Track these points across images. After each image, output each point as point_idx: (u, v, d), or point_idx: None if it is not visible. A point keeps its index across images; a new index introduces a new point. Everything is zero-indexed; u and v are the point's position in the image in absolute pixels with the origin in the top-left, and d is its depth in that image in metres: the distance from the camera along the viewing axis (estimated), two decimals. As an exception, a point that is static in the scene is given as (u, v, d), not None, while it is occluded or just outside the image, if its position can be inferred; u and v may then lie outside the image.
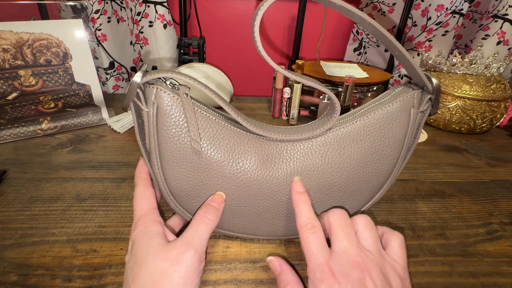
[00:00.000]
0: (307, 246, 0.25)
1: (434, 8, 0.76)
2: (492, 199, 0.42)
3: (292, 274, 0.27)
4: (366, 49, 0.91)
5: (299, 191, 0.27)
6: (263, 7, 0.20)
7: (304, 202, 0.27)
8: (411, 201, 0.41)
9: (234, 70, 0.94)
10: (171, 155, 0.26)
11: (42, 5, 0.56)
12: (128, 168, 0.44)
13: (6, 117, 0.49)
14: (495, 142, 0.61)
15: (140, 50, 0.78)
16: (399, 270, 0.25)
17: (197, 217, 0.27)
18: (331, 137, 0.28)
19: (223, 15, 0.88)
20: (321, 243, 0.25)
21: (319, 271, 0.23)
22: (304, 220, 0.26)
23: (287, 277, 0.27)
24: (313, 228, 0.25)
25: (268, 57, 0.22)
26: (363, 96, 0.65)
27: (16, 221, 0.34)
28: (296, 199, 0.27)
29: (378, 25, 0.23)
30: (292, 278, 0.27)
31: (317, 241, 0.25)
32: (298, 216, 0.26)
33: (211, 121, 0.26)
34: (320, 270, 0.23)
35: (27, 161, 0.45)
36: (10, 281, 0.27)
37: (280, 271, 0.28)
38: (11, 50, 0.47)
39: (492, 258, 0.33)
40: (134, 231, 0.26)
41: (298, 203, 0.27)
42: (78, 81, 0.53)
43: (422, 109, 0.28)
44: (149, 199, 0.28)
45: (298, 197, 0.27)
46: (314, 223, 0.26)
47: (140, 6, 0.70)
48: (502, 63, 0.58)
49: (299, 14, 0.81)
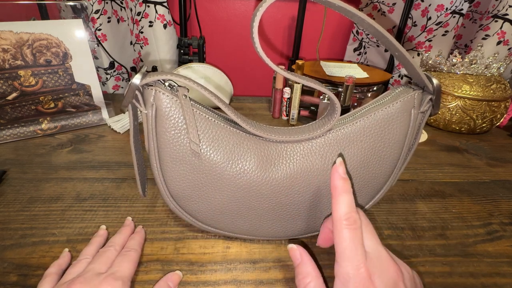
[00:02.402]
0: (343, 244, 0.22)
1: (434, 8, 0.75)
2: (492, 199, 0.42)
3: (313, 267, 0.25)
4: (366, 49, 0.91)
5: (342, 176, 0.24)
6: (261, 8, 0.20)
7: (347, 191, 0.23)
8: (411, 201, 0.41)
9: (234, 70, 0.93)
10: (170, 157, 0.26)
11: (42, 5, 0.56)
12: (128, 168, 0.44)
13: (6, 117, 0.49)
14: (495, 142, 0.61)
15: (140, 50, 0.78)
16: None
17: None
18: (331, 138, 0.28)
19: (223, 15, 0.88)
20: (360, 241, 0.22)
21: (354, 273, 0.21)
22: (344, 212, 0.22)
23: (307, 269, 0.24)
24: (354, 224, 0.22)
25: (266, 57, 0.22)
26: (363, 96, 0.64)
27: (16, 221, 0.34)
28: (337, 186, 0.23)
29: (378, 26, 0.22)
30: (313, 271, 0.24)
31: (355, 239, 0.22)
32: (338, 207, 0.23)
33: (210, 122, 0.26)
34: (356, 273, 0.21)
35: (27, 161, 0.45)
36: (10, 281, 0.27)
37: (300, 262, 0.25)
38: (11, 50, 0.47)
39: (492, 258, 0.33)
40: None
41: (340, 192, 0.23)
42: (78, 81, 0.53)
43: (423, 109, 0.28)
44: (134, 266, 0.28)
45: (340, 184, 0.23)
46: (355, 218, 0.22)
47: (140, 6, 0.70)
48: (502, 63, 0.58)
49: (299, 14, 0.81)
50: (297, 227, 0.31)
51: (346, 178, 0.24)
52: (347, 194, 0.23)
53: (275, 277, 0.29)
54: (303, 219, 0.30)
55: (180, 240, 0.33)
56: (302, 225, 0.31)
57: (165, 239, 0.33)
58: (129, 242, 0.30)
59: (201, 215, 0.30)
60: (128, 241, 0.31)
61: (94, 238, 0.31)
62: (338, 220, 0.22)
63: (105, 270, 0.26)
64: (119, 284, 0.25)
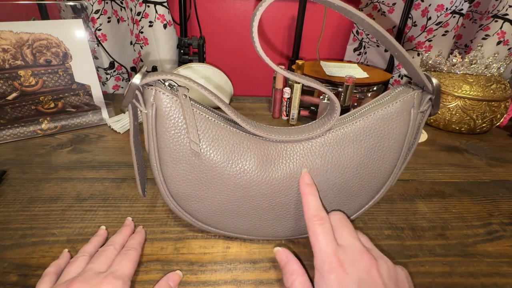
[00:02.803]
0: (315, 237, 0.25)
1: (434, 8, 0.75)
2: (492, 199, 0.42)
3: (298, 264, 0.27)
4: (366, 49, 0.91)
5: (307, 182, 0.27)
6: (261, 7, 0.20)
7: (312, 194, 0.27)
8: (411, 201, 0.41)
9: (234, 70, 0.93)
10: (170, 157, 0.26)
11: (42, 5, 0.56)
12: (128, 168, 0.44)
13: (6, 117, 0.49)
14: (495, 142, 0.61)
15: (140, 50, 0.78)
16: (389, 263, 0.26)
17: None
18: (331, 137, 0.28)
19: (223, 15, 0.88)
20: (329, 234, 0.25)
21: (328, 262, 0.24)
22: (312, 211, 0.26)
23: (293, 267, 0.27)
24: (321, 220, 0.26)
25: (266, 57, 0.22)
26: (363, 96, 0.64)
27: (16, 221, 0.34)
28: (304, 191, 0.27)
29: (378, 26, 0.22)
30: (298, 268, 0.27)
31: (325, 233, 0.25)
32: (306, 208, 0.27)
33: (210, 122, 0.26)
34: (329, 261, 0.23)
35: (27, 161, 0.45)
36: (10, 281, 0.27)
37: (286, 262, 0.28)
38: (11, 50, 0.47)
39: (492, 258, 0.33)
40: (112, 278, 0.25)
41: (307, 195, 0.27)
42: (78, 81, 0.53)
43: (423, 109, 0.28)
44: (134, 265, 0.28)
45: (306, 189, 0.27)
46: (322, 215, 0.26)
47: (140, 6, 0.70)
48: (502, 63, 0.58)
49: (299, 14, 0.81)
50: (297, 227, 0.31)
51: (310, 183, 0.27)
52: (313, 196, 0.27)
53: (275, 277, 0.29)
54: (303, 219, 0.30)
55: (180, 240, 0.33)
56: (302, 225, 0.31)
57: (165, 239, 0.33)
58: (129, 241, 0.30)
59: (201, 215, 0.30)
60: (128, 240, 0.31)
61: (94, 237, 0.31)
62: (309, 219, 0.26)
63: (105, 269, 0.26)
64: (119, 283, 0.25)
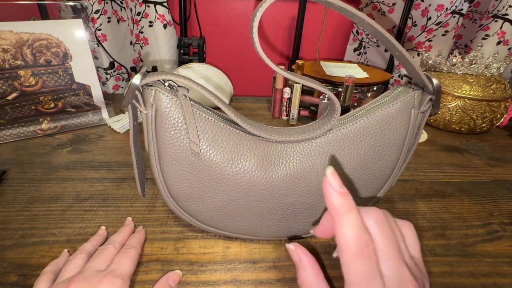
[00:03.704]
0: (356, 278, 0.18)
1: (434, 8, 0.75)
2: (492, 199, 0.42)
3: (312, 272, 0.22)
4: (366, 49, 0.91)
5: (340, 191, 0.19)
6: (261, 8, 0.20)
7: (350, 210, 0.19)
8: (411, 201, 0.41)
9: (234, 70, 0.93)
10: (170, 157, 0.26)
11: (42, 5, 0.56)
12: (128, 168, 0.44)
13: (6, 117, 0.49)
14: (495, 142, 0.61)
15: (140, 50, 0.78)
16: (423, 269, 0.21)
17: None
18: (331, 137, 0.28)
19: (223, 15, 0.88)
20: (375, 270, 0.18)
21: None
22: (353, 238, 0.18)
23: (306, 275, 0.22)
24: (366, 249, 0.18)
25: (266, 57, 0.22)
26: (363, 96, 0.64)
27: (16, 221, 0.34)
28: (337, 206, 0.19)
29: (378, 26, 0.23)
30: (311, 277, 0.22)
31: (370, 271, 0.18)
32: (343, 231, 0.18)
33: (210, 122, 0.26)
34: None
35: (27, 161, 0.45)
36: (10, 282, 0.27)
37: (299, 265, 0.23)
38: (11, 50, 0.47)
39: (492, 258, 0.33)
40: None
41: (343, 213, 0.18)
42: (78, 81, 0.53)
43: (423, 109, 0.28)
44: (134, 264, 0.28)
45: (340, 202, 0.19)
46: (366, 241, 0.18)
47: (140, 6, 0.70)
48: (502, 63, 0.58)
49: (299, 14, 0.81)
50: (297, 227, 0.31)
51: (345, 192, 0.19)
52: (352, 214, 0.18)
53: (275, 277, 0.29)
54: (303, 219, 0.30)
55: (180, 240, 0.33)
56: (302, 225, 0.31)
57: (165, 239, 0.33)
58: (129, 240, 0.30)
59: (201, 215, 0.30)
60: (128, 239, 0.31)
61: (93, 237, 0.31)
62: (346, 248, 0.18)
63: (104, 268, 0.26)
64: (119, 282, 0.24)
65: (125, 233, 0.31)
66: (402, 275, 0.18)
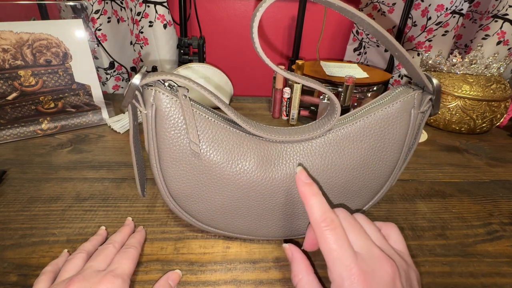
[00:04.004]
0: (327, 246, 0.21)
1: (434, 8, 0.75)
2: (492, 199, 0.42)
3: (304, 264, 0.25)
4: (366, 49, 0.91)
5: (305, 181, 0.24)
6: (261, 8, 0.20)
7: (314, 194, 0.23)
8: (411, 201, 0.41)
9: (234, 70, 0.93)
10: (170, 157, 0.26)
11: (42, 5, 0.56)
12: (128, 168, 0.44)
13: (6, 117, 0.49)
14: (495, 142, 0.61)
15: (140, 50, 0.78)
16: (409, 261, 0.24)
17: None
18: (331, 137, 0.28)
19: (223, 15, 0.88)
20: (344, 240, 0.21)
21: (348, 277, 0.20)
22: (319, 215, 0.22)
23: (299, 267, 0.25)
24: (332, 224, 0.22)
25: (266, 57, 0.22)
26: (363, 96, 0.64)
27: (16, 221, 0.34)
28: (304, 192, 0.24)
29: (378, 26, 0.23)
30: (303, 268, 0.25)
31: (339, 239, 0.21)
32: (311, 212, 0.23)
33: (210, 122, 0.26)
34: (348, 274, 0.20)
35: (27, 161, 0.45)
36: (10, 281, 0.27)
37: (291, 260, 0.26)
38: (11, 50, 0.47)
39: (492, 258, 0.33)
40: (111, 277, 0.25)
41: (308, 196, 0.23)
42: (78, 81, 0.53)
43: (423, 109, 0.28)
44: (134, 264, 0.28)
45: (306, 189, 0.24)
46: (332, 217, 0.22)
47: (140, 6, 0.70)
48: (502, 63, 0.58)
49: (299, 14, 0.81)
50: (297, 227, 0.31)
51: (310, 182, 0.24)
52: (316, 196, 0.23)
53: (275, 277, 0.29)
54: (303, 219, 0.30)
55: (180, 240, 0.33)
56: (302, 225, 0.31)
57: (165, 239, 0.33)
58: (129, 240, 0.30)
59: (201, 215, 0.30)
60: (128, 239, 0.31)
61: (93, 236, 0.31)
62: (316, 224, 0.22)
63: (104, 267, 0.26)
64: (119, 281, 0.24)
65: (125, 233, 0.31)
66: (372, 250, 0.22)
